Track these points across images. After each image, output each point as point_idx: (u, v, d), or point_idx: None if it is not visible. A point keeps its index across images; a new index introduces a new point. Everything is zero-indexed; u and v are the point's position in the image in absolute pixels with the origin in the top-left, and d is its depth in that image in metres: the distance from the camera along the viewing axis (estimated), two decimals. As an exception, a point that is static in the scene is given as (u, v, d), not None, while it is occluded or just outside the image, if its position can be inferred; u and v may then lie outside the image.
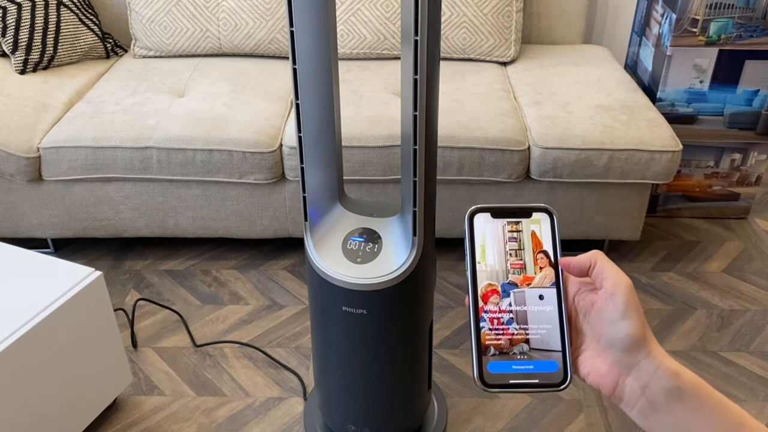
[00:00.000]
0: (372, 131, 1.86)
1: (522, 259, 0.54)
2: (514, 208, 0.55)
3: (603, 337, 0.52)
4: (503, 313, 0.52)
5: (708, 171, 2.27)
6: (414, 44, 0.99)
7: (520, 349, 0.51)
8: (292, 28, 1.04)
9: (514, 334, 0.52)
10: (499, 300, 0.52)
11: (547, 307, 0.53)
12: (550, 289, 0.53)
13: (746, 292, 2.02)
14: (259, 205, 1.98)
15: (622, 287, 0.51)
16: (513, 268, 0.53)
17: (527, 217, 0.55)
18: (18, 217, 2.01)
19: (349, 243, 1.21)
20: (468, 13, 2.18)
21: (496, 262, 0.53)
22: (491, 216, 0.54)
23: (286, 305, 1.96)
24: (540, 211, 0.55)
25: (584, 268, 0.54)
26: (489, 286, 0.53)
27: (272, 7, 2.21)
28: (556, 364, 0.51)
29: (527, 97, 2.05)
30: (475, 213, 0.55)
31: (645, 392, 0.50)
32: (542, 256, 0.54)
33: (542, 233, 0.55)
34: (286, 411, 1.63)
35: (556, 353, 0.52)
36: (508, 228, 0.54)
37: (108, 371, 1.54)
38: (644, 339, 0.51)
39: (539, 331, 0.52)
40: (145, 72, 2.20)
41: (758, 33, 2.02)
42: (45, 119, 1.96)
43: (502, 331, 0.52)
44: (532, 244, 0.54)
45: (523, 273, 0.53)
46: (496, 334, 0.52)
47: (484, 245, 0.53)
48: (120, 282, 2.04)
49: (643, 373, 0.50)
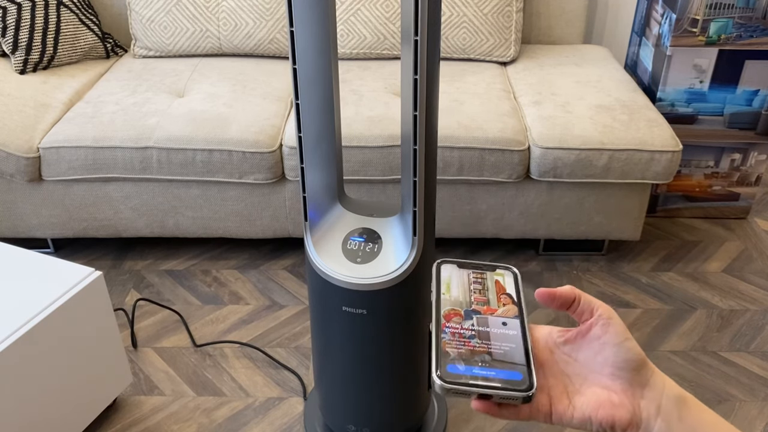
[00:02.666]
0: (372, 131, 1.86)
1: (486, 296, 0.54)
2: (480, 264, 0.56)
3: (608, 364, 0.51)
4: (465, 330, 0.51)
5: (708, 171, 2.27)
6: (414, 44, 0.99)
7: (482, 358, 0.50)
8: (292, 28, 1.04)
9: (476, 347, 0.50)
10: (462, 320, 0.52)
11: (511, 331, 0.52)
12: (513, 319, 0.53)
13: (746, 292, 2.02)
14: (259, 205, 1.98)
15: (613, 312, 0.52)
16: (477, 301, 0.54)
17: (492, 271, 0.56)
18: (18, 217, 2.01)
19: (349, 243, 1.21)
20: (468, 13, 2.18)
21: (461, 295, 0.54)
22: (457, 267, 0.56)
23: (286, 305, 1.96)
24: (505, 269, 0.57)
25: (568, 300, 0.53)
26: (452, 310, 0.53)
27: (272, 7, 2.21)
28: (519, 374, 0.50)
29: (527, 97, 2.05)
30: (442, 264, 0.56)
31: (660, 412, 0.50)
32: (506, 297, 0.54)
33: (506, 283, 0.56)
34: (286, 411, 1.63)
35: (520, 366, 0.50)
36: (474, 275, 0.56)
37: (108, 371, 1.54)
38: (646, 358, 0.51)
39: (503, 348, 0.51)
40: (145, 72, 2.20)
41: (758, 33, 2.02)
42: (45, 119, 1.96)
43: (464, 343, 0.51)
44: (495, 288, 0.55)
45: (486, 305, 0.54)
46: (457, 344, 0.50)
47: (450, 283, 0.55)
48: (120, 282, 2.04)
49: (655, 391, 0.50)
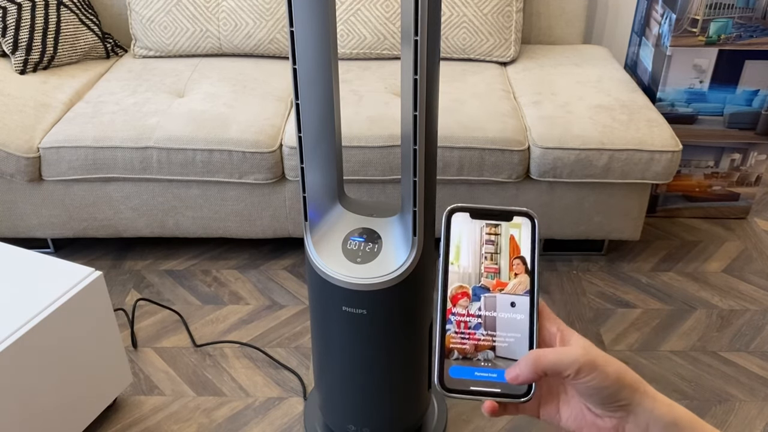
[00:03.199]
0: (372, 131, 1.86)
1: (497, 263, 0.51)
2: (495, 210, 0.52)
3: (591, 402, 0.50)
4: (471, 317, 0.50)
5: (708, 171, 2.27)
6: (414, 44, 0.99)
7: (485, 356, 0.49)
8: (292, 28, 1.04)
9: (480, 339, 0.50)
10: (469, 303, 0.50)
11: (518, 315, 0.50)
12: (523, 297, 0.51)
13: (746, 292, 2.02)
14: (259, 205, 1.98)
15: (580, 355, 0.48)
16: (487, 271, 0.51)
17: (508, 221, 0.52)
18: (18, 217, 2.01)
19: (349, 243, 1.21)
20: (468, 13, 2.18)
21: (470, 264, 0.51)
22: (470, 216, 0.52)
23: (286, 305, 1.96)
24: (522, 215, 0.53)
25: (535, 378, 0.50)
26: (459, 288, 0.51)
27: (272, 7, 2.21)
28: None
29: (527, 97, 2.05)
30: (454, 212, 0.52)
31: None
32: (519, 262, 0.51)
33: (521, 238, 0.52)
34: (286, 411, 1.63)
35: None
36: (487, 230, 0.52)
37: (108, 371, 1.54)
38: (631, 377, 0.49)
39: (507, 340, 0.50)
40: (145, 72, 2.20)
41: (758, 33, 2.02)
42: (45, 119, 1.96)
43: (468, 335, 0.50)
44: (509, 248, 0.52)
45: (496, 278, 0.51)
46: (461, 338, 0.50)
47: (460, 245, 0.51)
48: (120, 282, 2.04)
49: (642, 416, 0.49)
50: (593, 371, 0.47)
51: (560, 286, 2.03)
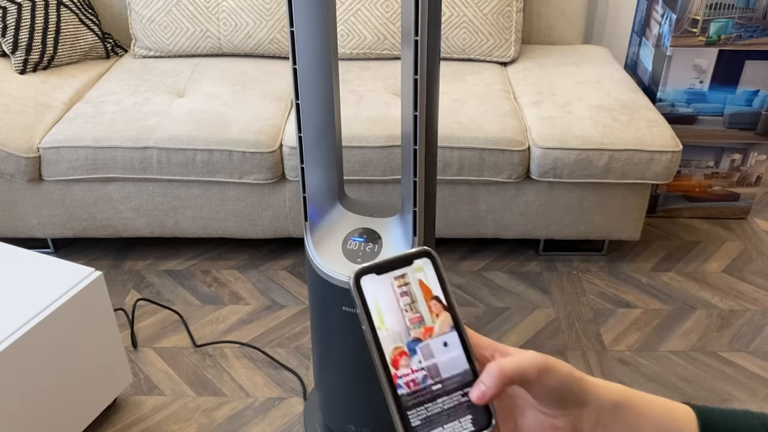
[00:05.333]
0: (372, 131, 1.86)
1: (418, 311, 0.52)
2: (395, 259, 0.53)
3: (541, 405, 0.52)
4: (416, 372, 0.51)
5: (708, 171, 2.27)
6: (414, 44, 0.99)
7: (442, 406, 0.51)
8: (292, 28, 1.04)
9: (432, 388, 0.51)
10: (409, 360, 0.51)
11: (454, 352, 0.52)
12: (451, 333, 0.52)
13: (746, 293, 2.02)
14: (259, 205, 1.98)
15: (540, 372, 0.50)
16: (412, 323, 0.52)
17: (409, 265, 0.53)
18: (18, 217, 2.01)
19: (349, 243, 1.21)
20: (468, 13, 2.19)
21: (396, 323, 0.52)
22: (376, 274, 0.52)
23: (286, 305, 1.96)
24: (420, 256, 0.53)
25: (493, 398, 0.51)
26: (396, 350, 0.51)
27: (272, 7, 2.21)
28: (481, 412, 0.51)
29: (527, 97, 2.05)
30: (360, 276, 0.52)
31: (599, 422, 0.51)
32: (435, 302, 0.53)
33: (428, 279, 0.53)
34: (286, 411, 1.63)
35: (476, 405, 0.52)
36: (396, 284, 0.52)
37: (108, 371, 1.54)
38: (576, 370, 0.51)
39: (454, 380, 0.51)
40: (145, 72, 2.20)
41: (758, 33, 2.02)
42: (45, 119, 1.96)
43: (421, 393, 0.51)
44: (422, 293, 0.53)
45: (422, 325, 0.52)
46: (416, 399, 0.51)
47: (379, 308, 0.52)
48: (120, 282, 2.04)
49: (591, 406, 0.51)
50: (550, 370, 0.49)
51: (560, 287, 2.03)
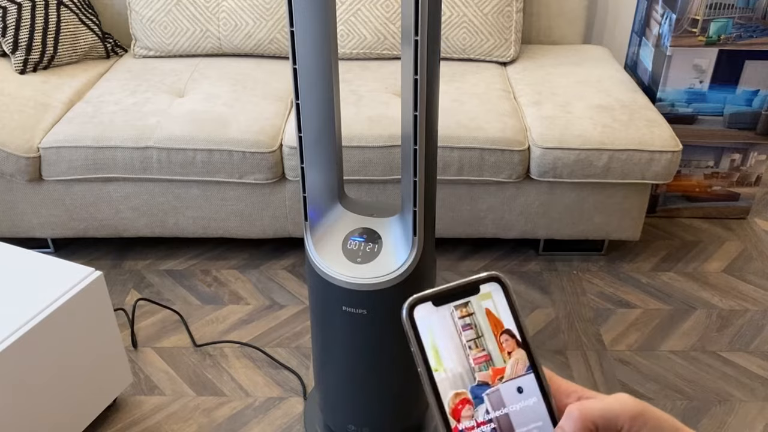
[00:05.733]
0: (372, 131, 1.86)
1: (485, 348, 0.44)
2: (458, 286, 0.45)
3: None
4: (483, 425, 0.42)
5: (708, 171, 2.27)
6: (414, 44, 0.99)
7: None
8: (292, 28, 1.04)
9: None
10: (473, 410, 0.42)
11: (530, 399, 0.43)
12: (527, 376, 0.44)
13: (746, 292, 2.02)
14: (259, 205, 1.98)
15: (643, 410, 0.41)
16: (477, 363, 0.43)
17: (475, 294, 0.45)
18: (18, 217, 2.01)
19: (349, 243, 1.21)
20: (468, 13, 2.19)
21: (457, 363, 0.43)
22: (433, 305, 0.44)
23: (286, 305, 1.96)
24: (487, 281, 0.45)
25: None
26: (456, 397, 0.42)
27: (272, 7, 2.21)
28: None
29: (527, 97, 2.05)
30: (414, 306, 0.44)
31: None
32: (507, 337, 0.44)
33: (498, 309, 0.45)
34: (286, 411, 1.63)
35: None
36: (458, 314, 0.44)
37: (108, 371, 1.54)
38: (679, 423, 0.43)
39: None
40: (145, 72, 2.20)
41: (758, 33, 2.02)
42: (45, 119, 1.96)
43: None
44: (490, 326, 0.44)
45: (490, 366, 0.43)
46: None
47: (436, 346, 0.43)
48: (120, 282, 2.04)
49: None
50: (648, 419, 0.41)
51: (560, 286, 2.03)
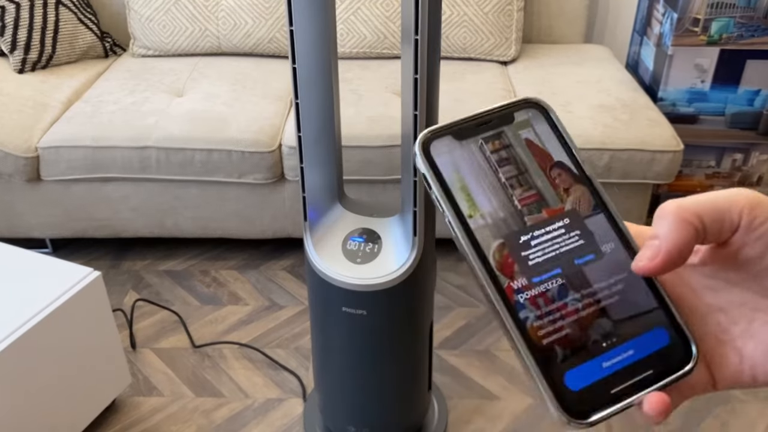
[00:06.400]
0: (372, 131, 1.85)
1: (532, 186, 0.33)
2: (483, 115, 0.35)
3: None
4: (549, 283, 0.32)
5: (709, 171, 2.26)
6: (414, 43, 0.98)
7: (600, 331, 0.32)
8: (291, 27, 1.03)
9: (579, 308, 0.32)
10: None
11: (606, 245, 0.33)
12: (595, 216, 0.33)
13: (747, 293, 2.01)
14: (258, 205, 1.97)
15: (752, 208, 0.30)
16: (525, 205, 0.33)
17: (509, 123, 0.35)
18: (16, 217, 2.00)
19: (349, 243, 1.21)
20: (468, 12, 2.18)
21: (497, 207, 0.33)
22: (454, 138, 0.34)
23: (286, 306, 1.95)
24: (525, 107, 0.35)
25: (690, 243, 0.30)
26: (504, 247, 0.32)
27: (271, 6, 2.20)
28: (663, 331, 0.32)
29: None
30: (429, 141, 0.34)
31: None
32: (559, 171, 0.34)
33: (543, 139, 0.35)
34: (286, 412, 1.62)
35: (654, 314, 0.32)
36: (489, 148, 0.34)
37: (106, 372, 1.53)
38: None
39: (614, 288, 0.32)
40: (144, 71, 2.19)
41: (759, 32, 2.01)
42: (43, 119, 1.96)
43: (560, 311, 0.32)
44: (535, 159, 0.34)
45: (543, 208, 0.33)
46: (552, 321, 0.31)
47: (466, 186, 0.33)
48: (119, 282, 2.03)
49: None
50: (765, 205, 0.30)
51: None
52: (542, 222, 0.33)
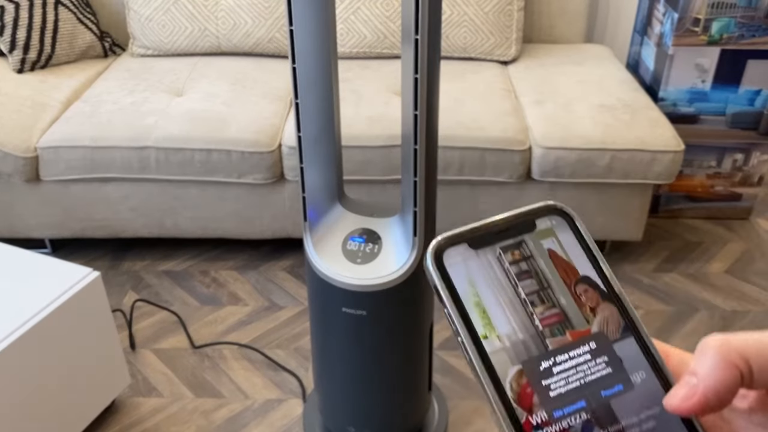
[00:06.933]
0: (372, 131, 1.85)
1: (555, 304, 0.31)
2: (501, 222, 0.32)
3: None
4: (570, 416, 0.29)
5: (710, 171, 2.25)
6: (414, 43, 0.97)
7: None
8: (291, 27, 1.03)
9: None
10: None
11: (636, 375, 0.30)
12: (624, 340, 0.30)
13: (748, 293, 2.00)
14: (258, 206, 1.97)
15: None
16: (547, 325, 0.30)
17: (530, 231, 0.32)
18: (15, 217, 1.99)
19: (349, 243, 1.20)
20: (469, 12, 2.17)
21: (516, 326, 0.30)
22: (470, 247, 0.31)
23: (286, 306, 1.94)
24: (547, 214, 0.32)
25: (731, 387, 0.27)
26: (523, 375, 0.29)
27: (271, 6, 2.20)
28: None
29: (528, 96, 2.04)
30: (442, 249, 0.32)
31: None
32: (585, 287, 0.31)
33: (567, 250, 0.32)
34: (286, 413, 1.62)
35: None
36: (508, 259, 0.31)
37: (106, 372, 1.53)
38: None
39: (645, 425, 0.29)
40: (144, 71, 2.19)
41: (760, 32, 2.01)
42: (43, 119, 1.95)
43: None
44: (558, 273, 0.31)
45: (567, 329, 0.30)
46: None
47: (482, 303, 0.30)
48: (118, 283, 2.03)
49: None
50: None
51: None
52: (566, 346, 0.30)
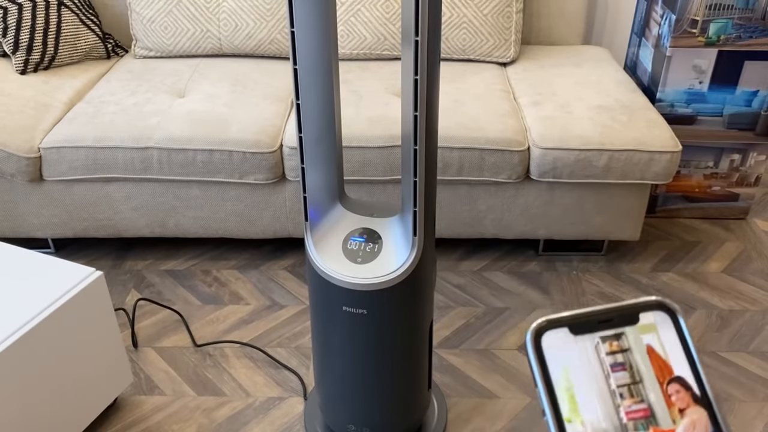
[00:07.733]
0: (372, 131, 1.86)
1: (644, 399, 0.31)
2: (606, 311, 0.33)
3: None
4: None
5: (707, 171, 2.27)
6: (414, 45, 0.99)
7: None
8: (292, 29, 1.04)
9: None
10: None
11: None
12: None
13: (745, 293, 2.02)
14: (259, 206, 1.98)
15: None
16: (632, 419, 0.30)
17: (632, 324, 0.32)
18: (18, 217, 2.01)
19: (350, 243, 1.21)
20: (468, 13, 2.19)
21: (601, 416, 0.30)
22: (571, 332, 0.32)
23: (287, 305, 1.96)
24: (652, 308, 0.33)
25: None
26: None
27: (273, 8, 2.21)
28: None
29: (527, 97, 2.05)
30: (542, 331, 0.32)
31: None
32: (677, 387, 0.31)
33: (666, 348, 0.32)
34: (287, 411, 1.63)
35: None
36: (606, 349, 0.32)
37: (108, 371, 1.54)
38: None
39: None
40: (146, 72, 2.20)
41: (758, 34, 2.02)
42: (46, 119, 1.97)
43: None
44: (653, 370, 0.32)
45: (651, 426, 0.30)
46: None
47: (572, 389, 0.31)
48: (120, 282, 2.04)
49: None
50: None
51: (560, 287, 2.03)
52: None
